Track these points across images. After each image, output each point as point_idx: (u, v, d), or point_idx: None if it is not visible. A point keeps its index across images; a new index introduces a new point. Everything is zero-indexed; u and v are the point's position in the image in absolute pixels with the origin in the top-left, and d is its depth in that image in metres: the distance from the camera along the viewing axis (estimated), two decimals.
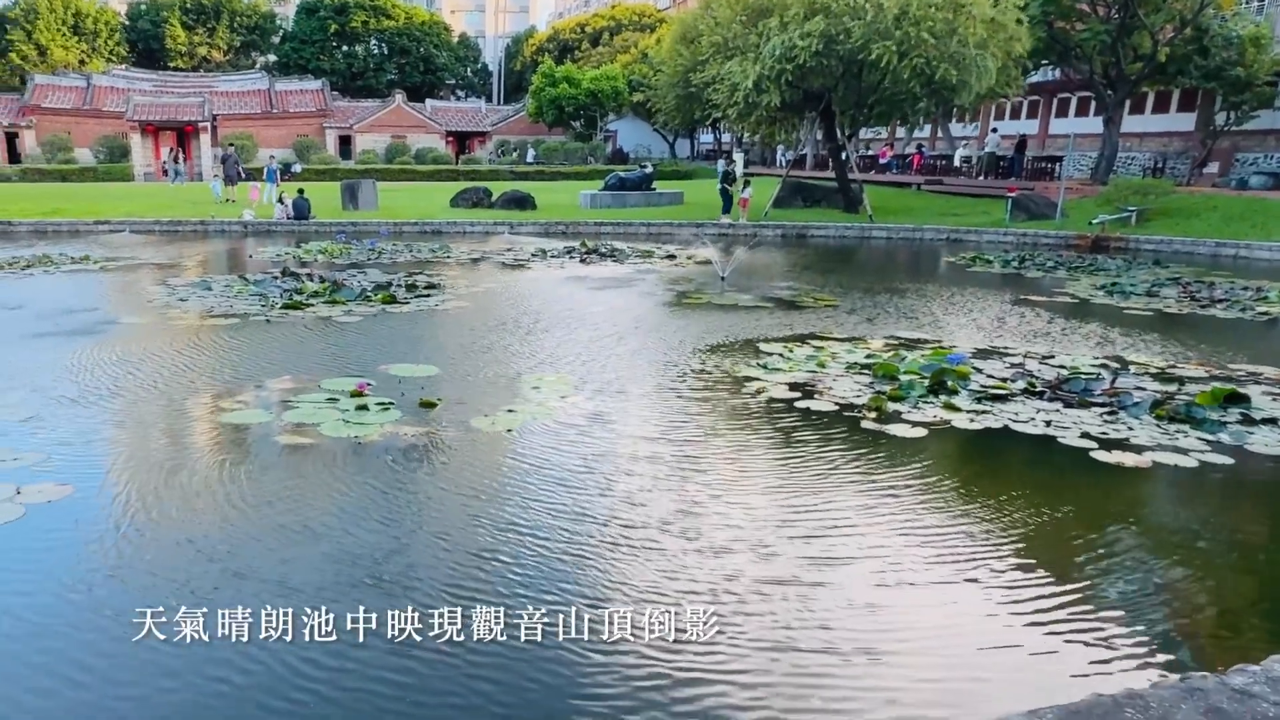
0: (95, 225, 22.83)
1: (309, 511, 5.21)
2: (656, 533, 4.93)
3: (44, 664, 3.68)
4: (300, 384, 7.85)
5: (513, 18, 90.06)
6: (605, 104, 49.53)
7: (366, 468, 5.94)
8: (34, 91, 49.41)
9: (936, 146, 40.90)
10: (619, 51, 57.97)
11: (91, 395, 7.52)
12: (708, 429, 6.94)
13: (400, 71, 67.03)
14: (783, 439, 6.65)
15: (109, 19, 64.27)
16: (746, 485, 5.70)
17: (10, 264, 15.85)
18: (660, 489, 5.57)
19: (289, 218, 23.62)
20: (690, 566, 4.55)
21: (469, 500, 5.40)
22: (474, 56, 74.78)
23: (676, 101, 29.99)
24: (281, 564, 4.55)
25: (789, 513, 5.27)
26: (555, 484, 5.64)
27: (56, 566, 4.51)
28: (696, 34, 26.60)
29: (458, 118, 56.74)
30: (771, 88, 22.56)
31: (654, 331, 10.69)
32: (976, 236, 22.84)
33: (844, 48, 21.96)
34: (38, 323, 10.73)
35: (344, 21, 64.66)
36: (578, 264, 16.98)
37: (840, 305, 12.49)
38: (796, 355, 9.19)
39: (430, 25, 68.42)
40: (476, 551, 4.70)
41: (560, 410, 7.24)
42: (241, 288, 12.95)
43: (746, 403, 7.58)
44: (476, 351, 9.41)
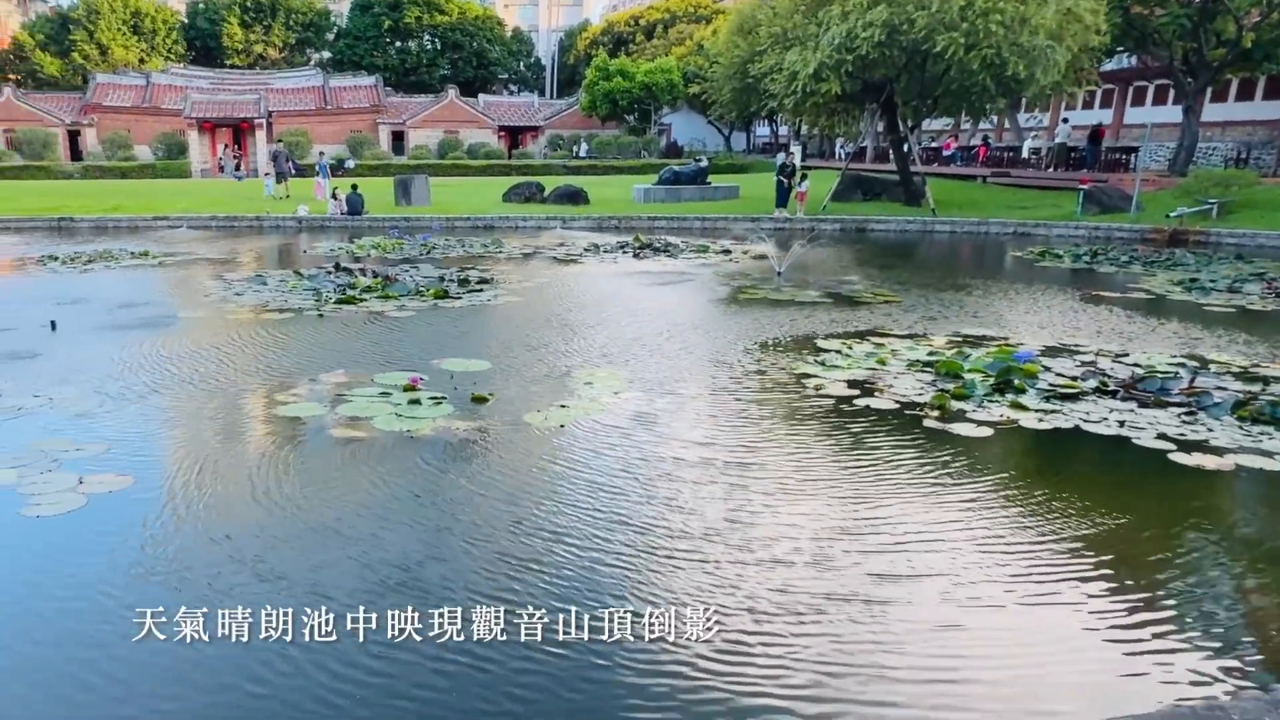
0: (154, 221, 23.60)
1: (362, 506, 5.31)
2: (709, 538, 4.83)
3: (107, 648, 3.81)
4: (353, 378, 8.00)
5: (566, 11, 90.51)
6: (659, 97, 49.54)
7: (419, 462, 6.03)
8: (95, 90, 51.23)
9: (1003, 138, 40.05)
10: (674, 44, 57.95)
11: (151, 388, 7.77)
12: (764, 427, 6.89)
13: (453, 67, 67.91)
14: (842, 437, 6.57)
15: (168, 18, 66.30)
16: (804, 487, 5.62)
17: (73, 259, 16.47)
18: (714, 491, 5.52)
19: (342, 213, 24.11)
20: (744, 575, 4.43)
21: (518, 496, 5.43)
22: (527, 51, 75.43)
23: (733, 94, 29.88)
24: (333, 559, 4.65)
25: (849, 517, 5.16)
26: (606, 482, 5.64)
27: (118, 555, 4.66)
28: (754, 24, 26.46)
29: (510, 112, 57.28)
30: (831, 76, 22.33)
31: (708, 327, 10.67)
32: (1045, 230, 22.31)
33: (907, 38, 21.63)
34: (99, 316, 11.13)
35: (397, 17, 65.73)
36: (631, 259, 17.01)
37: (901, 301, 12.31)
38: (856, 352, 9.09)
39: (483, 20, 69.19)
40: (520, 550, 4.71)
41: (613, 406, 7.26)
42: (296, 283, 13.26)
43: (804, 400, 7.51)
44: (528, 347, 9.49)
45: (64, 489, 5.44)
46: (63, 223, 23.60)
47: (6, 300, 12.15)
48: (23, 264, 16.64)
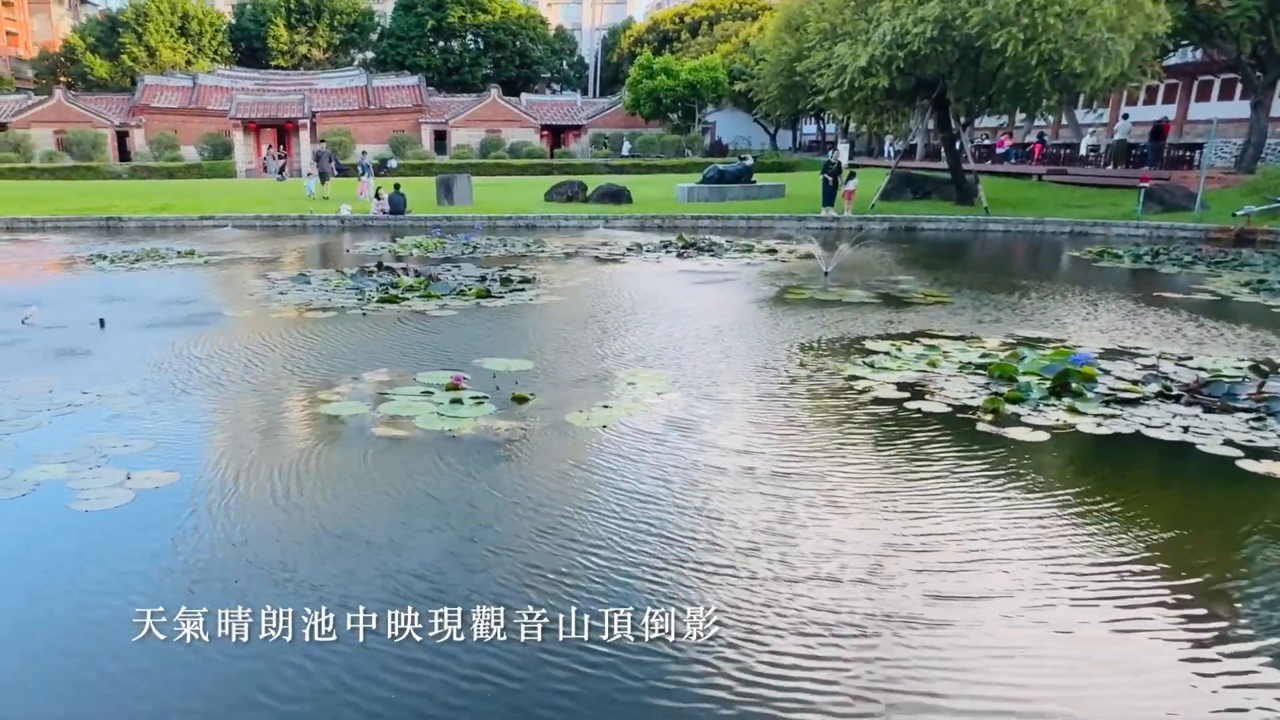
0: (200, 221, 24.16)
1: (404, 505, 5.38)
2: (753, 551, 4.71)
3: (155, 639, 3.90)
4: (395, 377, 8.10)
5: (610, 9, 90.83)
6: (704, 95, 49.46)
7: (461, 461, 6.07)
8: (143, 92, 52.60)
9: (1060, 134, 39.34)
10: (719, 41, 57.83)
11: (196, 385, 7.95)
12: (810, 430, 6.83)
13: (496, 66, 68.55)
14: (892, 441, 6.49)
15: (215, 20, 67.88)
16: (853, 495, 5.52)
17: (120, 258, 16.90)
18: (758, 498, 5.44)
19: (385, 213, 24.44)
20: (789, 593, 4.28)
21: (558, 498, 5.44)
22: (570, 49, 75.85)
23: (780, 91, 29.79)
24: (374, 557, 4.70)
25: (901, 529, 5.02)
26: (648, 486, 5.62)
27: (163, 550, 4.77)
28: (802, 20, 26.34)
29: (553, 111, 57.63)
30: (880, 71, 22.12)
31: (754, 328, 10.62)
32: (1104, 230, 21.85)
33: (960, 33, 21.34)
34: (146, 315, 11.40)
35: (441, 17, 66.53)
36: (674, 258, 17.01)
37: (952, 302, 12.14)
38: (905, 354, 8.98)
39: (527, 19, 69.75)
40: (558, 556, 4.71)
41: (656, 407, 7.25)
42: (339, 282, 13.47)
43: (852, 402, 7.43)
44: (570, 346, 9.52)
45: (112, 484, 5.58)
46: (111, 222, 24.26)
47: (57, 298, 12.50)
48: (72, 263, 17.13)
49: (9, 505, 5.30)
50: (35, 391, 7.58)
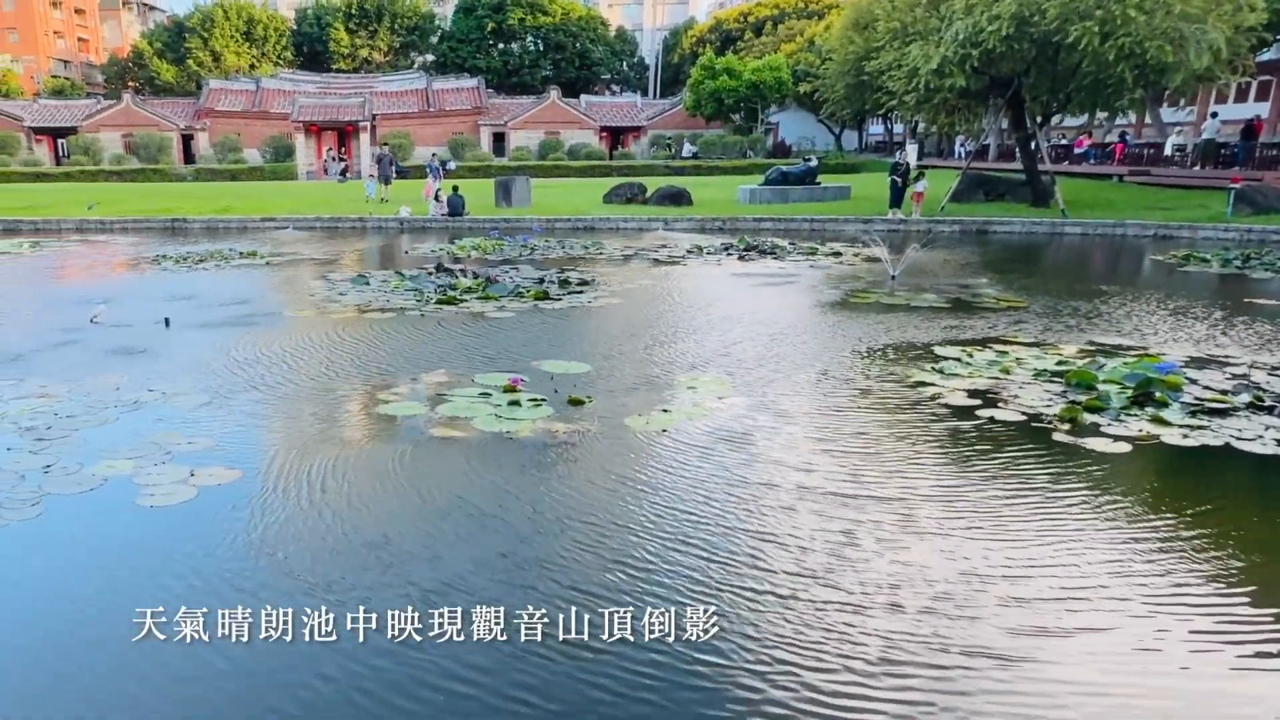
0: (262, 222, 24.85)
1: (462, 506, 5.45)
2: (814, 571, 4.55)
3: (236, 639, 4.01)
4: (453, 378, 8.22)
5: (671, 9, 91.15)
6: (768, 95, 49.28)
7: (518, 463, 6.13)
8: (208, 96, 54.37)
9: (1143, 134, 38.24)
10: (783, 40, 57.60)
11: (258, 384, 8.16)
12: (876, 437, 6.73)
13: (555, 67, 69.27)
14: (963, 450, 6.37)
15: (279, 25, 69.93)
16: (923, 508, 5.40)
17: (184, 259, 17.46)
18: (823, 509, 5.38)
19: (443, 215, 24.83)
20: (854, 620, 4.09)
21: (614, 504, 5.45)
22: (630, 50, 76.31)
23: (846, 91, 29.58)
24: (432, 558, 4.78)
25: (974, 550, 4.84)
26: (708, 494, 5.59)
27: (225, 547, 4.91)
28: (871, 19, 26.10)
29: (612, 113, 57.97)
30: (955, 72, 21.78)
31: (817, 332, 10.53)
32: (1190, 233, 21.16)
33: (1037, 29, 20.90)
34: (209, 314, 11.75)
35: (501, 19, 67.52)
36: (735, 261, 16.96)
37: (1027, 306, 11.88)
38: (977, 360, 8.81)
39: (587, 20, 70.38)
40: (610, 558, 4.73)
41: (717, 412, 7.24)
42: (398, 283, 13.72)
43: (920, 410, 7.32)
44: (629, 349, 9.55)
45: (176, 481, 5.76)
46: (175, 223, 25.09)
47: (123, 298, 12.95)
48: (138, 263, 17.74)
49: (78, 500, 5.51)
50: (103, 389, 7.87)
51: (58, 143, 53.73)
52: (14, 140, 50.83)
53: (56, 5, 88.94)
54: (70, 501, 5.48)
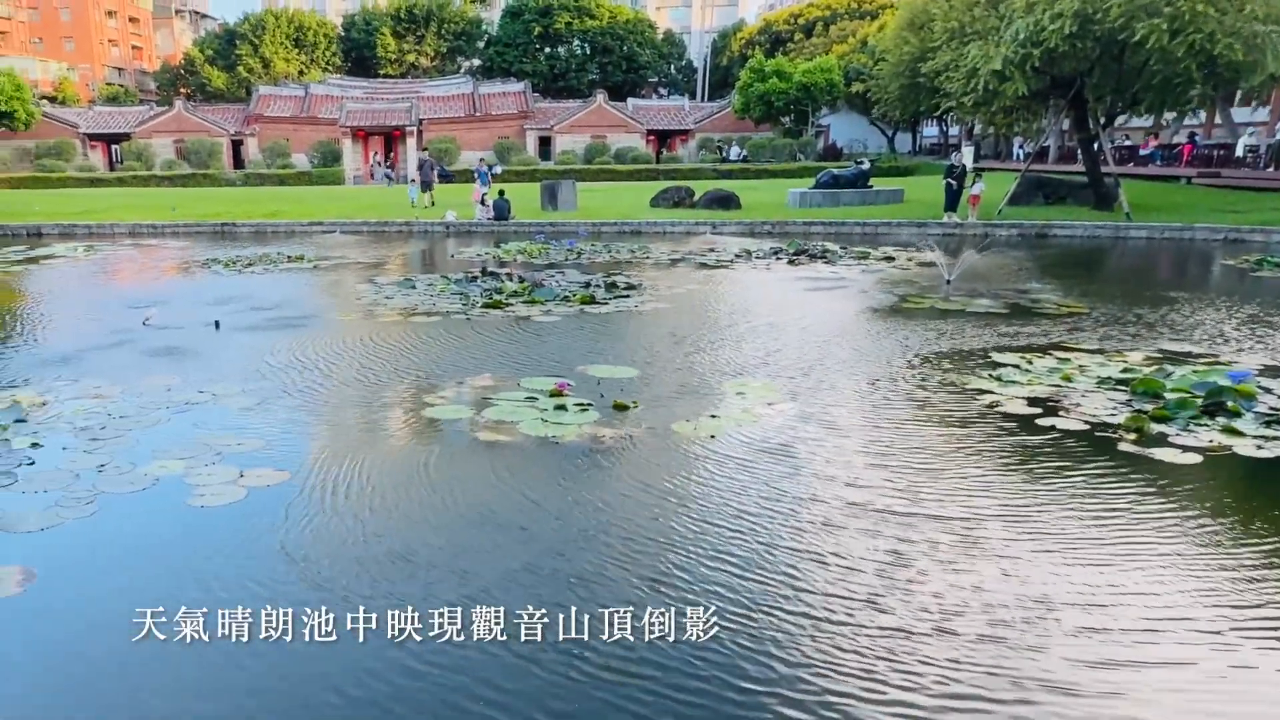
0: (309, 226, 25.34)
1: (508, 509, 5.49)
2: (867, 589, 4.41)
3: (265, 639, 4.09)
4: (499, 382, 8.29)
5: (720, 11, 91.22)
6: (818, 98, 49.03)
7: (565, 468, 6.16)
8: (258, 101, 55.62)
9: (1213, 135, 37.30)
10: (835, 41, 57.34)
11: (305, 387, 8.31)
12: (931, 446, 6.64)
13: (602, 71, 69.72)
14: (1022, 460, 6.26)
15: (328, 31, 71.41)
16: (980, 521, 5.29)
17: (234, 262, 17.86)
18: (875, 523, 5.29)
19: (489, 218, 25.09)
20: (908, 646, 3.92)
21: (660, 513, 5.43)
22: (678, 53, 76.50)
23: (901, 92, 29.22)
24: (481, 563, 4.82)
25: (1036, 559, 4.73)
26: (754, 503, 5.54)
27: (273, 548, 5.00)
28: (927, 19, 25.81)
29: (659, 116, 58.12)
30: (1015, 74, 21.44)
31: (870, 337, 10.43)
32: (1263, 236, 20.56)
33: (1101, 27, 20.51)
34: (258, 317, 12.00)
35: (548, 23, 68.16)
36: (785, 265, 16.88)
37: (1089, 312, 11.64)
38: (1037, 367, 8.66)
39: (634, 23, 70.75)
40: (653, 568, 4.74)
41: (766, 418, 7.20)
42: (443, 286, 13.88)
43: (977, 417, 7.21)
44: (676, 354, 9.55)
45: (226, 481, 5.89)
46: (225, 228, 25.68)
47: (174, 301, 13.29)
48: (188, 267, 18.18)
49: (131, 500, 5.65)
50: (155, 389, 8.07)
51: (111, 149, 55.33)
52: (70, 147, 52.44)
53: (111, 14, 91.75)
54: (123, 500, 5.62)
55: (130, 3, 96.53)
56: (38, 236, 24.72)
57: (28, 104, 47.53)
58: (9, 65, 49.41)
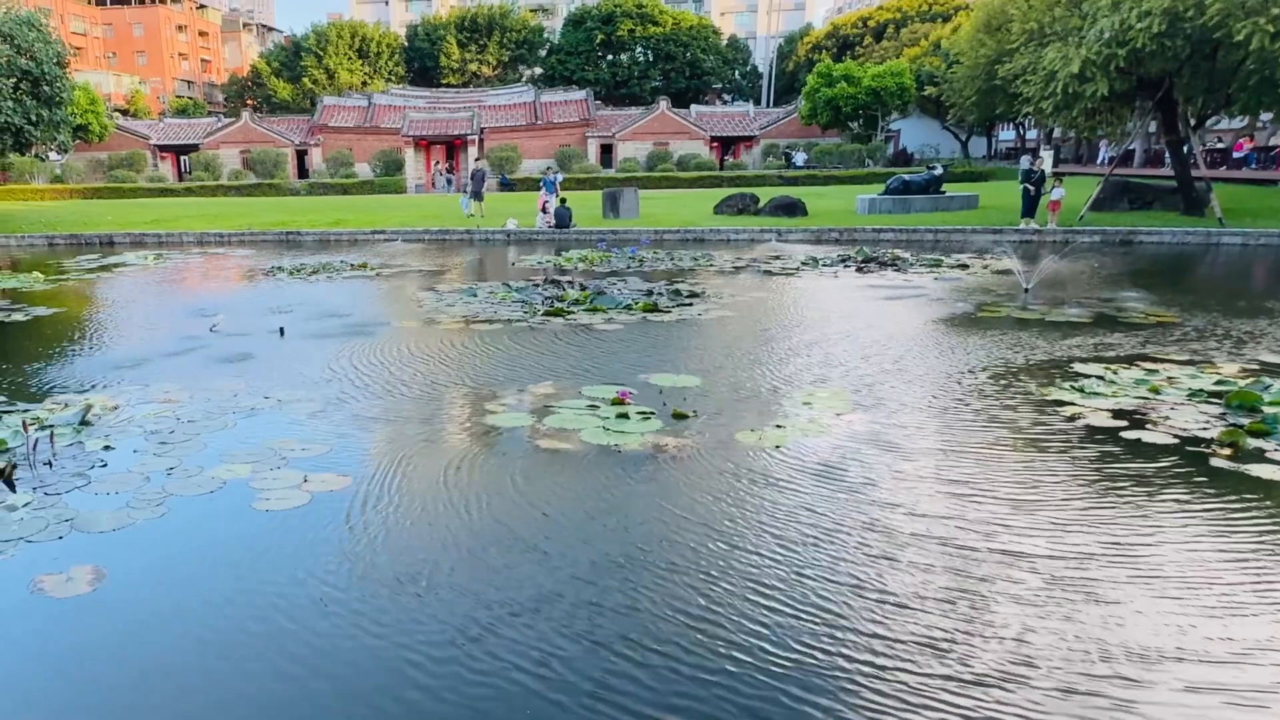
0: (372, 235, 25.87)
1: (570, 518, 5.54)
2: (945, 629, 4.12)
3: (328, 638, 4.18)
4: (560, 390, 8.35)
5: (787, 16, 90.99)
6: (888, 102, 48.58)
7: (626, 477, 6.18)
8: (322, 112, 57.10)
9: None
10: (906, 45, 56.81)
11: (368, 393, 8.48)
12: (1007, 458, 6.50)
13: (665, 78, 70.09)
14: (1106, 475, 6.08)
15: (390, 41, 73.10)
16: (1061, 540, 5.13)
17: (298, 270, 18.32)
18: (951, 541, 5.18)
19: (550, 227, 25.33)
20: (1002, 696, 3.64)
21: (723, 525, 5.42)
22: (743, 59, 76.53)
23: (976, 95, 28.82)
24: (542, 570, 4.85)
25: (1128, 594, 4.48)
26: (821, 519, 5.49)
27: (339, 550, 5.12)
28: (1004, 20, 25.46)
29: (723, 122, 58.13)
30: (1098, 76, 20.95)
31: (943, 346, 10.25)
32: None
33: (1193, 25, 19.94)
34: (322, 325, 12.28)
35: (610, 31, 68.83)
36: (853, 273, 16.71)
37: (1179, 322, 11.29)
38: (1122, 378, 8.43)
39: (698, 29, 71.03)
40: (709, 582, 4.72)
41: (834, 429, 7.13)
42: (505, 294, 14.05)
43: (1058, 430, 7.03)
44: (741, 363, 9.51)
45: (290, 486, 6.04)
46: (289, 236, 26.38)
47: (240, 308, 13.68)
48: (254, 275, 18.70)
49: (199, 502, 5.83)
50: (222, 395, 8.32)
51: (180, 159, 57.33)
52: (141, 158, 54.53)
53: (182, 29, 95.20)
54: (191, 503, 5.80)
55: (200, 17, 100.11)
56: (110, 245, 25.69)
57: (102, 117, 49.49)
58: (85, 80, 51.44)
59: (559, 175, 28.54)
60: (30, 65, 28.16)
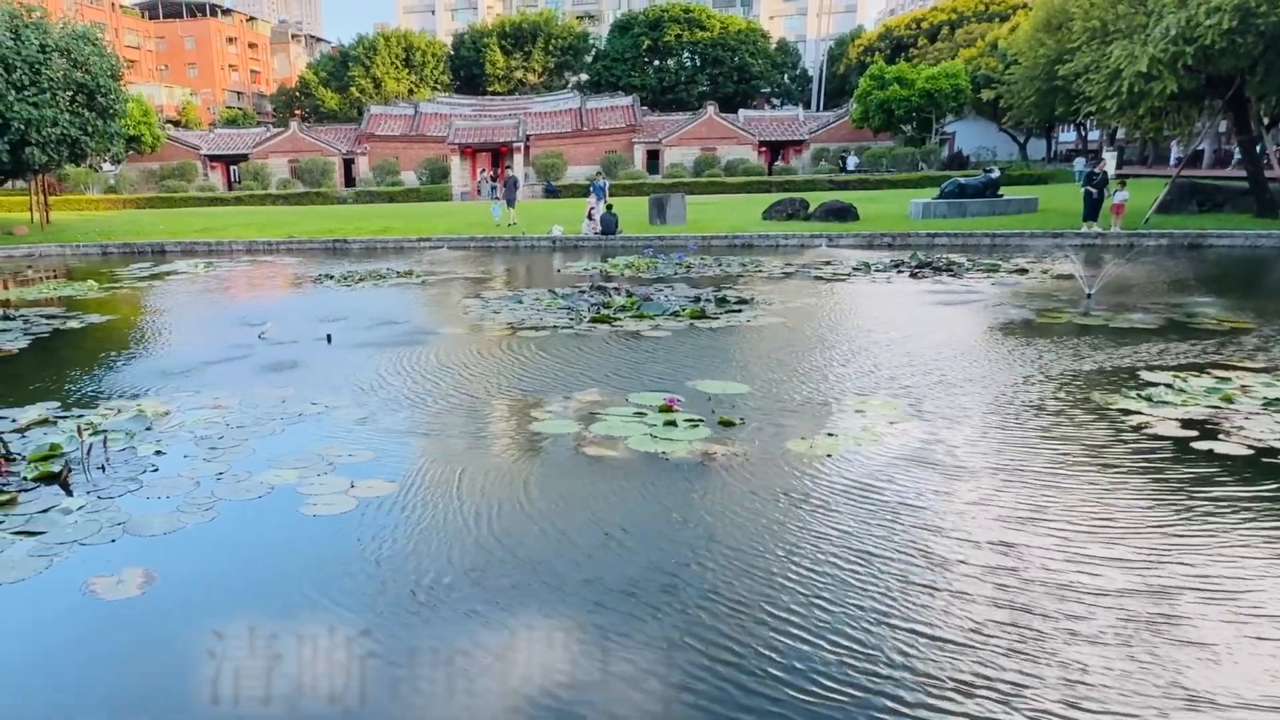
0: (418, 242, 26.23)
1: (613, 525, 5.53)
2: (1014, 671, 3.86)
3: (375, 640, 4.21)
4: (607, 397, 8.36)
5: (838, 19, 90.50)
6: (942, 104, 48.01)
7: (674, 485, 6.16)
8: (369, 121, 58.05)
9: None
10: (961, 45, 56.16)
11: (414, 400, 8.56)
12: (1070, 469, 6.35)
13: (713, 82, 70.12)
14: (1176, 488, 5.92)
15: (437, 50, 74.18)
16: (1127, 558, 4.98)
17: (345, 278, 18.60)
18: (1015, 557, 5.07)
19: (596, 233, 25.44)
20: None
21: (770, 538, 5.37)
22: (792, 62, 76.31)
23: (1036, 96, 28.39)
24: (586, 578, 4.85)
25: (1202, 615, 4.32)
26: (876, 530, 5.41)
27: (384, 556, 5.17)
28: (1065, 18, 25.03)
29: (772, 127, 57.98)
30: (1165, 74, 20.51)
31: (1001, 353, 10.09)
32: None
33: (1266, 21, 19.43)
34: (369, 331, 12.44)
35: (657, 36, 69.10)
36: (907, 278, 16.53)
37: (1254, 328, 10.98)
38: (1192, 387, 8.21)
39: (746, 33, 71.03)
40: (756, 597, 4.68)
41: (888, 438, 7.04)
42: (550, 301, 14.13)
43: (1123, 441, 6.86)
44: (791, 370, 9.44)
45: (337, 491, 6.12)
46: (337, 244, 26.83)
47: (288, 315, 13.91)
48: (301, 282, 19.04)
49: (248, 506, 5.93)
50: (270, 401, 8.46)
51: (230, 169, 58.66)
52: (192, 168, 55.92)
53: (232, 41, 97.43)
54: (240, 507, 5.90)
55: (250, 29, 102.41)
56: (161, 254, 26.35)
57: (154, 128, 50.81)
58: (138, 92, 52.84)
59: (607, 181, 28.66)
60: (86, 78, 29.05)
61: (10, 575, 4.99)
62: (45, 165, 29.50)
